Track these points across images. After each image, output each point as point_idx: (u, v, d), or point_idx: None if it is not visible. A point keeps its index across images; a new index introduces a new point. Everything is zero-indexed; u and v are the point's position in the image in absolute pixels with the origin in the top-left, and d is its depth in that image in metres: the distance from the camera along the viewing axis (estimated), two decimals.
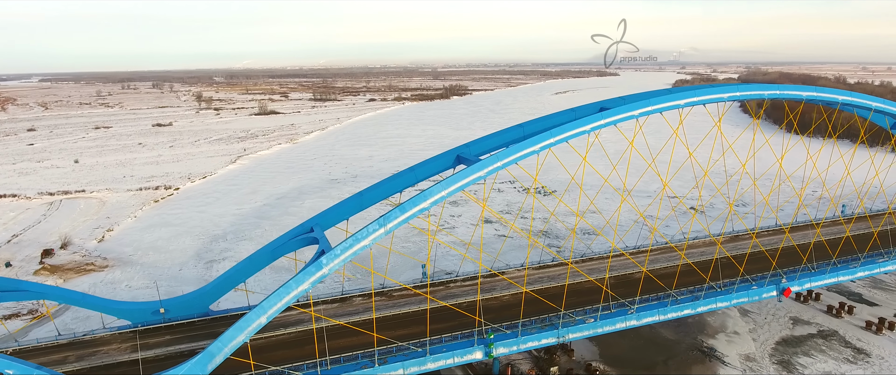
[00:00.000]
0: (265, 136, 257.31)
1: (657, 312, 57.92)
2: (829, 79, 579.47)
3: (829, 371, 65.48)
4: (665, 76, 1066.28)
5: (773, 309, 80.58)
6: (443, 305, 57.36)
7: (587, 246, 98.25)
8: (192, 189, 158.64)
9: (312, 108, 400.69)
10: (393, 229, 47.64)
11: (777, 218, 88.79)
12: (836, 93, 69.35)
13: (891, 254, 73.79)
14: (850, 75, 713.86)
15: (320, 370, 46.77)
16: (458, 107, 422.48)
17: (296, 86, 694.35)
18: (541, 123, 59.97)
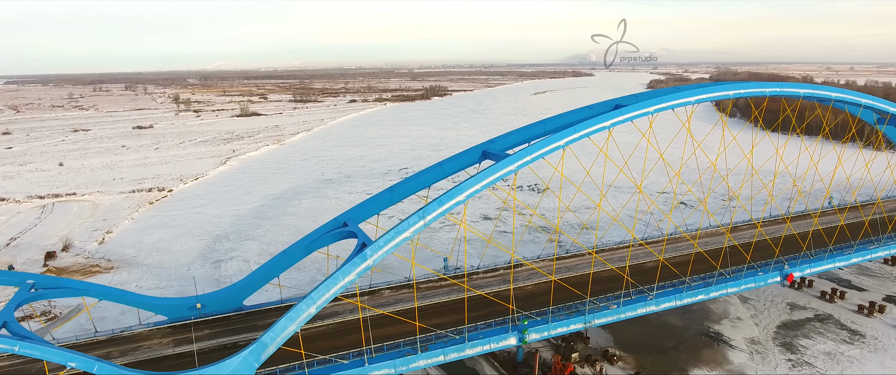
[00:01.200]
0: (251, 138, 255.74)
1: (674, 298, 61.03)
2: (796, 78, 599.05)
3: (829, 351, 69.53)
4: (639, 76, 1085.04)
5: (770, 296, 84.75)
6: (478, 294, 59.42)
7: (587, 240, 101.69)
8: (185, 190, 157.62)
9: (294, 110, 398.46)
10: (431, 221, 49.56)
11: (778, 207, 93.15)
12: (829, 90, 73.71)
13: (880, 241, 78.44)
14: (816, 75, 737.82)
15: (366, 357, 48.40)
16: (441, 108, 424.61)
17: (273, 88, 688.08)
18: (561, 119, 62.52)
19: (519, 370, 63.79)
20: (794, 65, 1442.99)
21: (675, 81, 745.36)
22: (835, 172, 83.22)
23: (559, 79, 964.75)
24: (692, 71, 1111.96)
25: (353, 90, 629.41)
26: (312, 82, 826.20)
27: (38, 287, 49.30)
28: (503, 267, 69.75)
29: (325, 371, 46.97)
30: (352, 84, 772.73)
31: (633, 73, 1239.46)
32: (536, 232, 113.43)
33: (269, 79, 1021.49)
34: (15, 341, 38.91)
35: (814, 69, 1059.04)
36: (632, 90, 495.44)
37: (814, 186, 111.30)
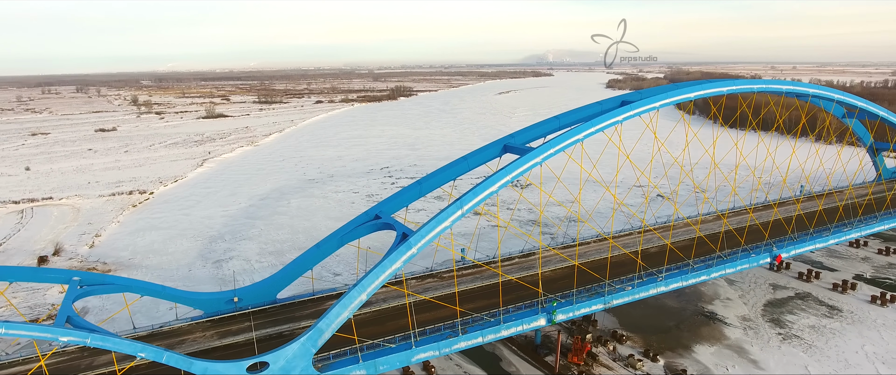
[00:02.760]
0: (223, 139, 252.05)
1: (680, 279, 65.78)
2: (745, 76, 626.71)
3: (812, 324, 75.91)
4: (596, 76, 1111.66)
5: (754, 278, 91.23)
6: (510, 279, 62.70)
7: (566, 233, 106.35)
8: (166, 193, 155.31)
9: (260, 111, 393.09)
10: (469, 210, 52.45)
11: (766, 194, 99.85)
12: (808, 86, 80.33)
13: (852, 224, 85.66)
14: (762, 73, 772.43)
15: (413, 341, 50.97)
16: (409, 108, 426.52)
17: (233, 89, 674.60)
18: (573, 115, 66.20)
19: (538, 352, 67.49)
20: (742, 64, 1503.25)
21: (633, 80, 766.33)
22: (805, 163, 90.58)
23: (520, 80, 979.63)
24: (646, 70, 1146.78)
25: (317, 91, 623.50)
26: (273, 83, 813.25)
27: (84, 283, 49.87)
28: (518, 256, 73.34)
29: (375, 355, 49.31)
30: (314, 85, 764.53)
31: (590, 73, 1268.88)
32: (527, 226, 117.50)
33: (227, 80, 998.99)
34: (86, 333, 39.96)
35: (760, 68, 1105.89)
36: (592, 88, 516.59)
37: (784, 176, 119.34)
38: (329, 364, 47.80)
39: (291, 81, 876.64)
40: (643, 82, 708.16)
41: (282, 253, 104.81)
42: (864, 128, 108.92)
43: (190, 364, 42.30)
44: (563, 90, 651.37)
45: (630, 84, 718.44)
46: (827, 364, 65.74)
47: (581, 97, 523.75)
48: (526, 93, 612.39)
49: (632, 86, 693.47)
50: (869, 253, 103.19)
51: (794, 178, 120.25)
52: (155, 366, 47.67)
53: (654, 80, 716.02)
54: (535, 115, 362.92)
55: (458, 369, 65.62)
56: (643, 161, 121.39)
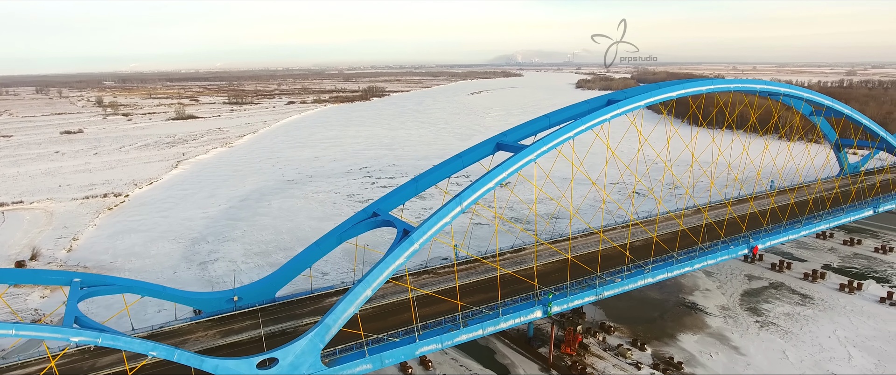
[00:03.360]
0: (196, 141, 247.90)
1: (665, 270, 68.54)
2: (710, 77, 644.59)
3: (787, 312, 79.77)
4: (564, 76, 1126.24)
5: (730, 269, 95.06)
6: (507, 273, 64.38)
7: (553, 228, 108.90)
8: (142, 195, 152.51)
9: (231, 112, 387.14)
10: (468, 206, 53.87)
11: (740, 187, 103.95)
12: (779, 86, 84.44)
13: (820, 217, 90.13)
14: (725, 73, 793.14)
15: (416, 334, 52.17)
16: (382, 109, 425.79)
17: (202, 90, 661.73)
18: (562, 114, 68.02)
19: (531, 344, 69.40)
20: (705, 64, 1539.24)
21: (600, 80, 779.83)
22: (776, 159, 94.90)
23: (491, 80, 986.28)
24: (613, 70, 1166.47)
25: (288, 92, 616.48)
26: (242, 84, 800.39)
27: (85, 284, 49.56)
28: (509, 252, 75.14)
29: (381, 349, 50.35)
30: (285, 85, 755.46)
31: (559, 74, 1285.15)
32: (508, 224, 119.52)
33: (194, 81, 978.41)
34: (97, 333, 40.02)
35: (722, 69, 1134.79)
36: (562, 88, 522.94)
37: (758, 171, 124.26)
38: (336, 358, 48.64)
39: (261, 82, 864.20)
40: (612, 82, 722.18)
41: (267, 254, 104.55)
42: (830, 125, 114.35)
43: (201, 361, 42.68)
44: (534, 90, 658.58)
45: (599, 84, 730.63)
46: (803, 349, 69.32)
47: (552, 97, 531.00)
48: (498, 93, 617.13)
49: (601, 86, 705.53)
50: (835, 244, 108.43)
51: (765, 174, 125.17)
52: (158, 367, 47.92)
53: (622, 81, 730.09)
54: (509, 115, 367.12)
55: (454, 363, 67.00)
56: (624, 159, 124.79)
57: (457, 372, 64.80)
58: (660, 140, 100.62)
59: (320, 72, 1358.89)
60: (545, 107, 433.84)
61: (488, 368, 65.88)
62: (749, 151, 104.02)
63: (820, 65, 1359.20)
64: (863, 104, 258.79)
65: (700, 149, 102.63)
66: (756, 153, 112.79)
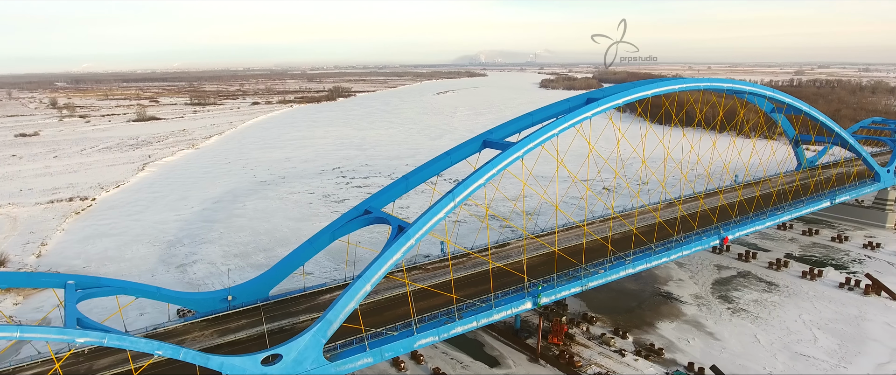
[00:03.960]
0: (161, 143, 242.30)
1: (645, 261, 71.51)
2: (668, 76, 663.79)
3: (756, 299, 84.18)
4: (527, 76, 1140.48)
5: (700, 260, 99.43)
6: (499, 266, 66.23)
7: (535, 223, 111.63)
8: (110, 199, 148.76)
9: (195, 113, 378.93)
10: (461, 201, 55.42)
11: (709, 181, 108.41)
12: (744, 84, 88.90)
13: (784, 209, 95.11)
14: (681, 73, 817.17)
15: (414, 328, 53.40)
16: (350, 109, 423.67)
17: (161, 91, 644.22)
18: (545, 112, 70.28)
19: (519, 335, 71.49)
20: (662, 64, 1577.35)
21: (563, 80, 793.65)
22: (742, 154, 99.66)
23: (456, 80, 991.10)
24: (576, 70, 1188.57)
25: (251, 92, 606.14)
26: (202, 84, 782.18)
27: (79, 286, 49.04)
28: (495, 247, 77.03)
29: (380, 343, 51.43)
30: (247, 86, 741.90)
31: (523, 74, 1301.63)
32: (496, 220, 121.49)
33: (151, 81, 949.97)
34: (102, 333, 39.98)
35: (678, 68, 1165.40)
36: (527, 88, 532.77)
37: (726, 165, 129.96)
38: (338, 353, 49.49)
39: (222, 82, 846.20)
40: (574, 82, 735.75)
41: (247, 256, 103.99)
42: (789, 122, 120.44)
43: (206, 359, 42.96)
44: (499, 90, 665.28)
45: (562, 84, 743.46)
46: (772, 333, 73.46)
47: (518, 97, 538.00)
48: (463, 93, 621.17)
49: (564, 85, 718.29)
50: (795, 234, 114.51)
51: (731, 169, 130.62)
52: (158, 367, 47.89)
53: (585, 81, 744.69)
54: (477, 115, 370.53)
55: (445, 357, 68.54)
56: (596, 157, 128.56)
57: (448, 366, 66.33)
58: (632, 138, 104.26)
59: (283, 73, 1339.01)
60: (511, 105, 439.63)
61: (479, 360, 67.68)
62: (717, 147, 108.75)
63: (770, 65, 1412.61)
64: (812, 102, 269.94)
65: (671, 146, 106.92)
66: (722, 149, 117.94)
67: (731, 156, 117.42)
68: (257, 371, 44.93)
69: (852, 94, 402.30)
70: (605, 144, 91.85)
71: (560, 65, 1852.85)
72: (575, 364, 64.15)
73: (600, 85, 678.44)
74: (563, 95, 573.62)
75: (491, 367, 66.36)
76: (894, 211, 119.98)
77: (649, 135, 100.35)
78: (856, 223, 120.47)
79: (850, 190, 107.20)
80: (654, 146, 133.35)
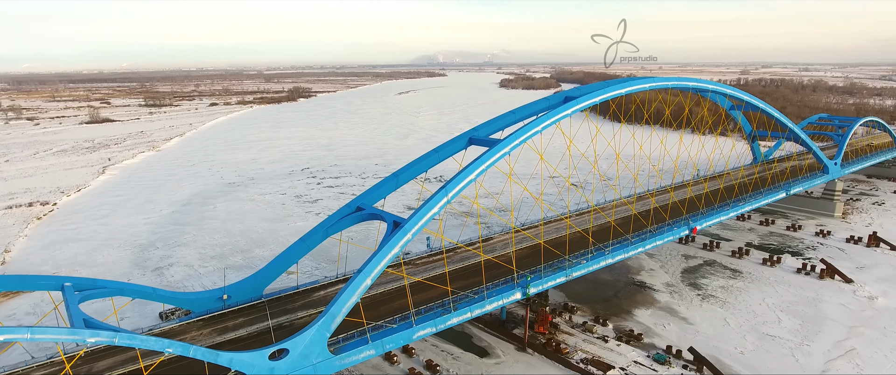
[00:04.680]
0: (118, 145, 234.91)
1: (622, 251, 75.05)
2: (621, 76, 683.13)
3: (722, 285, 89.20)
4: (487, 76, 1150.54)
5: (668, 250, 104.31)
6: (489, 258, 68.29)
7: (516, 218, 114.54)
8: (72, 203, 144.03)
9: (151, 115, 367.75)
10: (453, 197, 57.16)
11: (675, 175, 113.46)
12: (707, 83, 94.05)
13: (744, 200, 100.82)
14: (635, 73, 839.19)
15: (413, 320, 55.01)
16: (312, 109, 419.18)
17: (111, 92, 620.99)
18: (526, 110, 72.76)
19: (505, 326, 73.94)
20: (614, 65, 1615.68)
21: (522, 79, 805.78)
22: (704, 147, 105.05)
23: (416, 80, 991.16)
24: (533, 70, 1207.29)
25: (207, 93, 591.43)
26: (155, 85, 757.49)
27: (76, 288, 48.59)
28: (480, 241, 79.19)
29: (381, 335, 52.84)
30: (203, 86, 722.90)
31: (481, 73, 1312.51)
32: (461, 217, 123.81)
33: (99, 82, 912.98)
34: (113, 333, 40.17)
35: (631, 68, 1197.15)
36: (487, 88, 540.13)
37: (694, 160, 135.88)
38: (341, 346, 50.66)
39: (175, 83, 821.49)
40: (534, 82, 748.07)
41: (224, 257, 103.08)
42: (747, 119, 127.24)
43: (216, 356, 43.49)
44: (460, 90, 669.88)
45: (521, 83, 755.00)
46: (740, 316, 78.24)
47: (479, 96, 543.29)
48: (425, 93, 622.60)
49: (523, 85, 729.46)
50: (753, 224, 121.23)
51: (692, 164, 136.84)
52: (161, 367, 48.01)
53: (543, 80, 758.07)
54: (441, 114, 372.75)
55: (435, 349, 70.34)
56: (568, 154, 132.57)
57: (440, 358, 68.14)
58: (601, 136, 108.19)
59: (238, 73, 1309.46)
60: (473, 105, 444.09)
61: (469, 352, 69.78)
62: (681, 143, 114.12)
63: (717, 65, 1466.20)
64: None
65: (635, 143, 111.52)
66: (686, 145, 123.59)
67: (693, 152, 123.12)
68: (265, 366, 45.71)
69: (795, 93, 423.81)
70: (576, 142, 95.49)
71: (517, 65, 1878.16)
72: (562, 351, 66.99)
73: (558, 84, 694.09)
74: (523, 94, 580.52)
75: (481, 357, 68.56)
76: (841, 201, 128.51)
77: (615, 133, 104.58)
78: (807, 213, 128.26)
79: (803, 182, 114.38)
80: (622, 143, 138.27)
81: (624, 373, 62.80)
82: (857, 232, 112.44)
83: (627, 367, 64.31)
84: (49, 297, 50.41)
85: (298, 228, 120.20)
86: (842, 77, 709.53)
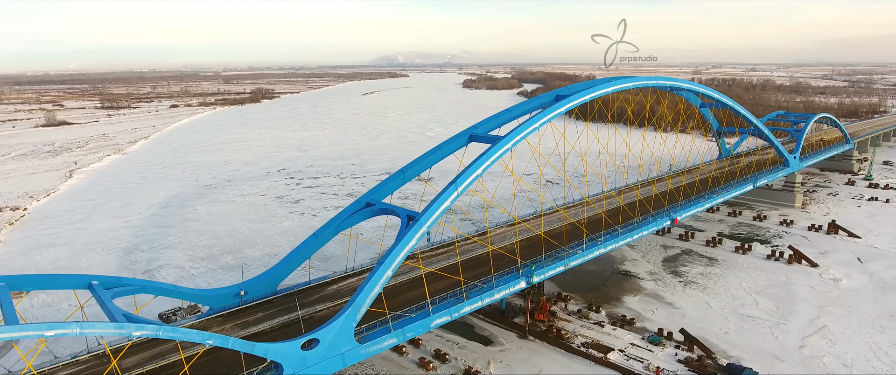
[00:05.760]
0: (81, 149, 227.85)
1: (613, 241, 79.25)
2: (581, 76, 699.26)
3: (701, 272, 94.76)
4: (448, 76, 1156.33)
5: (648, 241, 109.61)
6: (494, 249, 71.08)
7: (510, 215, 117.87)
8: (43, 208, 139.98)
9: (109, 117, 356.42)
10: (464, 190, 59.82)
11: (649, 171, 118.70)
12: (682, 82, 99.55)
13: (716, 192, 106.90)
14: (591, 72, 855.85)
15: (430, 309, 57.42)
16: (278, 111, 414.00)
17: (62, 94, 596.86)
18: (521, 108, 76.20)
19: (506, 316, 77.08)
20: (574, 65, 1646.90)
21: (485, 80, 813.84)
22: (679, 142, 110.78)
23: (378, 81, 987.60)
24: (494, 70, 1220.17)
25: (165, 95, 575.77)
26: (108, 87, 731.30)
27: (104, 286, 49.05)
28: (478, 235, 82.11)
29: (402, 324, 55.08)
30: (159, 88, 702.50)
31: (442, 74, 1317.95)
32: (459, 212, 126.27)
33: (46, 84, 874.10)
34: (158, 326, 41.29)
35: (588, 68, 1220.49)
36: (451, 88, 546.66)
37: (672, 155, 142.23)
38: (366, 335, 52.68)
39: (130, 85, 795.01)
40: (497, 82, 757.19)
41: (215, 258, 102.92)
42: (714, 116, 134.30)
43: (252, 347, 44.91)
44: (425, 90, 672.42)
45: (485, 83, 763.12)
46: (721, 300, 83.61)
47: (445, 96, 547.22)
48: (389, 93, 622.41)
49: (487, 85, 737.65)
50: (722, 216, 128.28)
51: (667, 159, 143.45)
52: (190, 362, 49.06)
53: (505, 80, 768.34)
54: (408, 115, 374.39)
55: (440, 339, 72.85)
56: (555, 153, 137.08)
57: (446, 347, 70.70)
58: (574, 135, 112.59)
59: (194, 74, 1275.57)
60: (440, 105, 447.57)
61: (473, 341, 72.58)
62: (652, 140, 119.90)
63: (670, 65, 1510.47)
64: None
65: (607, 141, 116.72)
66: (656, 142, 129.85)
67: (656, 148, 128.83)
68: (298, 356, 47.38)
69: (747, 91, 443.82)
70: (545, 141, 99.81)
71: (477, 65, 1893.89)
72: (563, 336, 70.55)
73: (520, 84, 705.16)
74: (488, 94, 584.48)
75: (485, 345, 71.48)
76: (801, 193, 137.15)
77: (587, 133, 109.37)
78: (770, 204, 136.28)
79: (767, 175, 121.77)
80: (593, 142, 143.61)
81: (624, 355, 66.75)
82: (817, 221, 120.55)
83: (625, 349, 68.34)
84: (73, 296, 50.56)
85: (285, 228, 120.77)
86: (787, 76, 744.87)
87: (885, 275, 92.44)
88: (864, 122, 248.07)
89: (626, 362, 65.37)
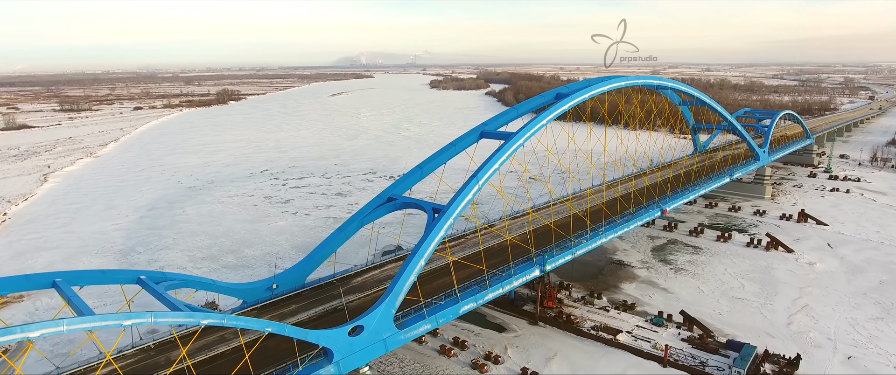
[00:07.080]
0: (49, 152, 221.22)
1: (612, 231, 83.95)
2: (545, 76, 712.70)
3: (688, 259, 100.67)
4: (414, 77, 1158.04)
5: (635, 233, 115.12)
6: (513, 240, 74.40)
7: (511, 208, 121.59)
8: (23, 212, 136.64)
9: (71, 120, 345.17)
10: (484, 183, 63.21)
11: (635, 166, 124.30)
12: (664, 80, 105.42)
13: (699, 185, 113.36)
14: (554, 73, 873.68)
15: (458, 295, 60.55)
16: (248, 112, 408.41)
17: (15, 97, 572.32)
18: (527, 105, 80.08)
19: (515, 304, 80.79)
20: (536, 65, 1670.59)
21: (451, 80, 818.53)
22: (661, 138, 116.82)
23: (344, 82, 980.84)
24: (458, 71, 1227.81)
25: (126, 97, 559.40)
26: (63, 89, 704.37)
27: (152, 281, 50.39)
28: (486, 226, 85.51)
29: (434, 311, 58.03)
30: (118, 90, 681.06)
31: (406, 75, 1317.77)
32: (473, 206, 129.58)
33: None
34: (224, 315, 43.27)
35: (551, 69, 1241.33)
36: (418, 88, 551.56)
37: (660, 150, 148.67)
38: (403, 321, 55.45)
39: (85, 86, 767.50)
40: (463, 82, 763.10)
41: (216, 258, 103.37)
42: (690, 113, 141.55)
43: (305, 334, 47.17)
44: (392, 91, 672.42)
45: (451, 84, 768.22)
46: (710, 284, 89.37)
47: (414, 96, 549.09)
48: (357, 94, 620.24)
49: (454, 85, 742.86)
50: (700, 208, 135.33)
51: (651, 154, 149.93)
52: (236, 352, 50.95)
53: (472, 81, 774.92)
54: (381, 115, 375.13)
55: (455, 328, 75.88)
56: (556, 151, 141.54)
57: (463, 334, 73.87)
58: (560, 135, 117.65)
59: (151, 76, 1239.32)
60: (411, 105, 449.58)
61: (487, 329, 75.95)
62: (632, 138, 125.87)
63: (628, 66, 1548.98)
64: None
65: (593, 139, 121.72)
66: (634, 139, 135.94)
67: (640, 145, 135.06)
68: (346, 342, 49.89)
69: (707, 90, 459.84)
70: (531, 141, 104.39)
71: (441, 66, 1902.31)
72: (573, 321, 74.72)
73: (487, 84, 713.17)
74: (457, 94, 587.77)
75: (500, 332, 74.98)
76: (770, 185, 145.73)
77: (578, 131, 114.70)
78: (742, 196, 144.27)
79: (741, 168, 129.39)
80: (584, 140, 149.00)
81: (632, 336, 71.32)
82: (787, 211, 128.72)
83: (632, 331, 72.95)
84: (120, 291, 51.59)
85: (280, 228, 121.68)
86: (741, 76, 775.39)
87: (854, 259, 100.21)
88: (818, 119, 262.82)
89: (634, 342, 69.92)
